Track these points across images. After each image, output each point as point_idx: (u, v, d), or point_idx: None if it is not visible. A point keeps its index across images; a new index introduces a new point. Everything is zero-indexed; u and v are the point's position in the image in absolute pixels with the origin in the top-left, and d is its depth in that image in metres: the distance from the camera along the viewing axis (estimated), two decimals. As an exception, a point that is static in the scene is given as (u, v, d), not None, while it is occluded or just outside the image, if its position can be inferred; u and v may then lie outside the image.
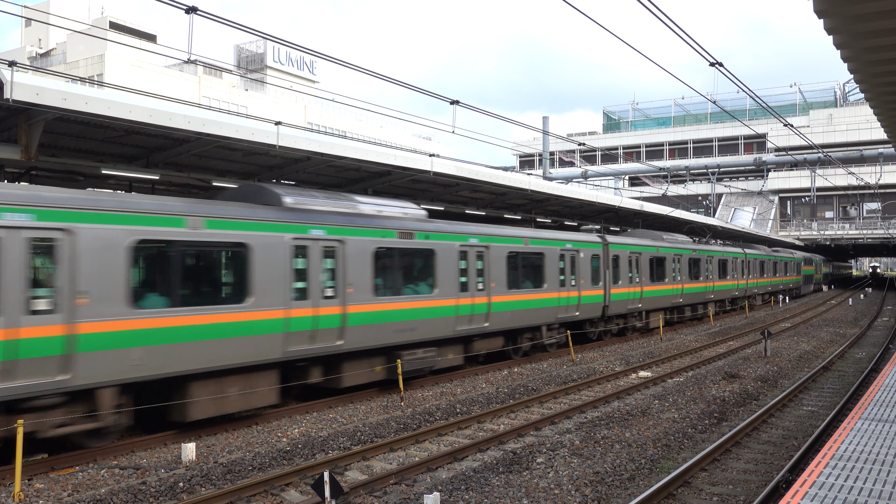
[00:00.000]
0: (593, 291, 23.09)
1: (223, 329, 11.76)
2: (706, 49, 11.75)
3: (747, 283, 41.04)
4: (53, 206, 10.02)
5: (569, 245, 21.78)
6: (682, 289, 30.31)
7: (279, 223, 12.87)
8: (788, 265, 54.40)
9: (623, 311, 25.34)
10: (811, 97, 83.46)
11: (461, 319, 17.11)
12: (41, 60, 60.02)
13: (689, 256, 31.09)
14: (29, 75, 11.01)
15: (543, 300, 20.43)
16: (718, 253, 35.25)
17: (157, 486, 9.11)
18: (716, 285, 34.86)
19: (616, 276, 24.45)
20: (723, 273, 36.12)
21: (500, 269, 18.61)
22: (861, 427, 9.37)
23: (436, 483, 9.34)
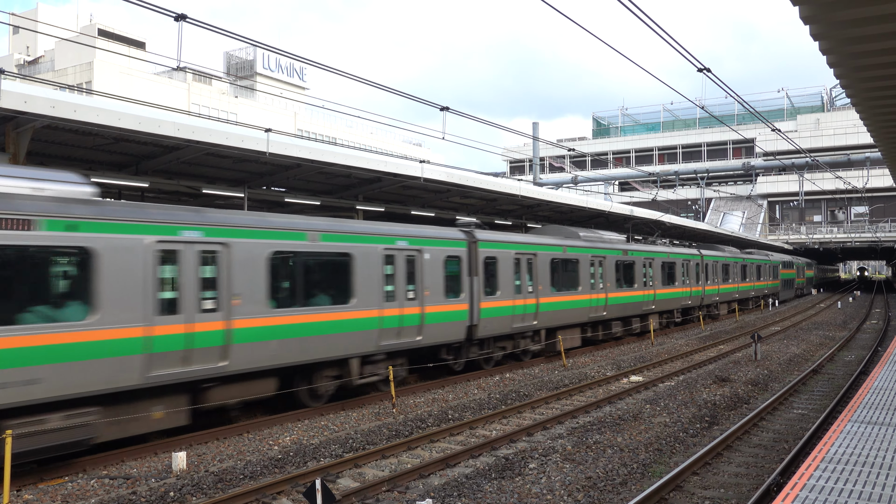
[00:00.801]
0: (448, 306, 17.01)
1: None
2: (694, 55, 11.84)
3: (704, 291, 35.02)
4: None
5: (403, 243, 15.69)
6: (605, 298, 24.23)
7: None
8: (762, 269, 48.60)
9: (505, 332, 19.16)
10: (798, 102, 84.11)
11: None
12: (29, 68, 59.74)
13: (617, 258, 25.19)
14: (17, 83, 10.96)
15: (346, 322, 14.10)
16: (662, 254, 29.52)
17: (148, 496, 9.04)
18: (658, 293, 28.78)
19: (492, 284, 18.58)
20: (669, 279, 30.24)
21: (256, 278, 12.47)
22: (851, 430, 9.42)
23: (428, 490, 9.32)
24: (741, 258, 42.17)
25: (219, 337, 11.82)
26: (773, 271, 52.60)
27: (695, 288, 33.72)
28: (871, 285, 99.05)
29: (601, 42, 12.06)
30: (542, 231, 24.46)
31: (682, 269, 32.02)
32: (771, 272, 51.59)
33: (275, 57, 67.61)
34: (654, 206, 54.29)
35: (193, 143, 12.81)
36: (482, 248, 18.32)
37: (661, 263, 29.26)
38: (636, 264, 26.88)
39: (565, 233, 23.63)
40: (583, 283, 22.82)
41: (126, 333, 10.49)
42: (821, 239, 67.78)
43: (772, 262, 51.73)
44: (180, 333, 11.26)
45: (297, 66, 70.57)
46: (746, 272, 43.74)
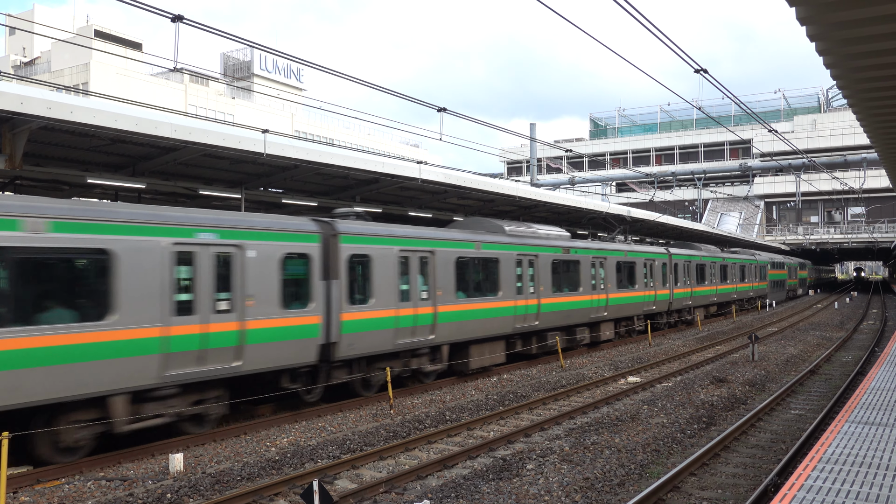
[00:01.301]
0: (287, 320, 13.02)
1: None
2: (691, 56, 11.86)
3: (672, 294, 30.91)
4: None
5: (208, 236, 11.89)
6: (538, 305, 20.44)
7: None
8: (747, 269, 44.34)
9: (385, 349, 15.21)
10: (795, 103, 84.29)
11: None
12: (25, 69, 59.64)
13: (555, 257, 21.42)
14: (13, 84, 10.93)
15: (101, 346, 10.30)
16: (616, 252, 25.59)
17: (145, 497, 9.02)
18: (612, 298, 25.02)
19: (363, 290, 14.80)
20: (627, 281, 26.47)
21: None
22: (848, 430, 9.43)
23: (426, 491, 9.31)
24: (720, 257, 38.24)
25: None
26: (761, 272, 48.96)
27: (661, 291, 29.60)
28: (867, 286, 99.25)
29: (598, 43, 12.06)
30: (461, 224, 20.65)
31: (645, 269, 28.08)
32: (758, 273, 47.67)
33: (272, 58, 67.59)
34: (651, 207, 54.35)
35: (190, 144, 12.80)
36: (347, 243, 14.33)
37: (615, 263, 25.34)
38: (582, 264, 22.95)
39: (488, 226, 19.87)
40: (506, 286, 19.00)
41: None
42: (817, 240, 67.93)
43: (758, 263, 47.97)
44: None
45: (294, 68, 70.56)
46: (727, 273, 39.70)
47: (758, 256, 48.13)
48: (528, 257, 20.26)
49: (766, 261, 50.71)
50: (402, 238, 15.90)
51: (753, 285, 46.22)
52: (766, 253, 54.35)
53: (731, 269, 40.56)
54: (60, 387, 9.78)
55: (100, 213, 10.49)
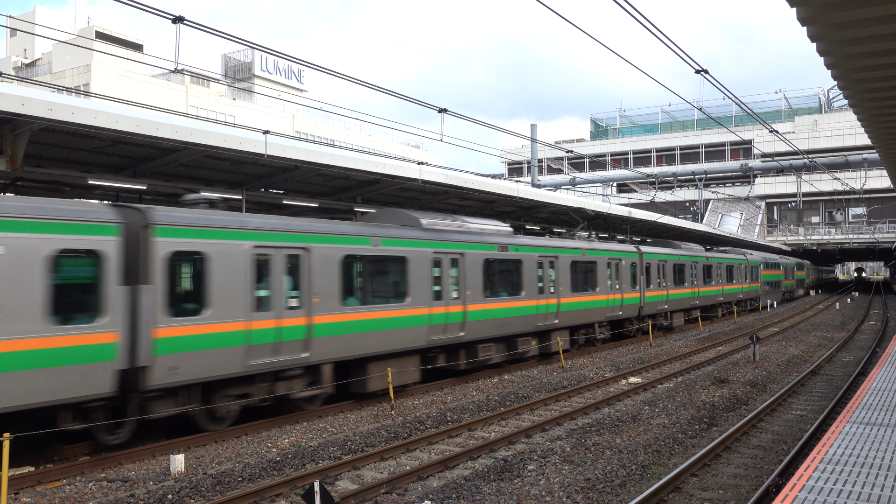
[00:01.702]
0: (58, 339, 9.97)
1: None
2: (692, 56, 11.85)
3: (643, 298, 27.46)
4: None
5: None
6: (463, 312, 17.35)
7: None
8: (736, 270, 41.04)
9: (231, 373, 12.12)
10: (796, 103, 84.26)
11: None
12: (26, 70, 59.70)
13: (488, 255, 18.25)
14: (14, 85, 10.94)
15: None
16: (571, 251, 22.12)
17: (146, 498, 9.02)
18: (565, 303, 21.46)
19: (194, 298, 11.83)
20: (585, 283, 22.98)
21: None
22: (850, 431, 9.42)
23: (427, 492, 9.31)
24: (703, 257, 35.12)
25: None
26: (752, 273, 45.47)
27: (629, 294, 26.27)
28: (869, 286, 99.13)
29: (599, 44, 12.06)
30: (373, 216, 17.92)
31: (609, 270, 24.74)
32: (748, 274, 44.29)
33: (272, 59, 67.64)
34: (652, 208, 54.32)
35: (191, 145, 12.80)
36: (165, 237, 11.29)
37: (570, 263, 22.02)
38: (525, 264, 19.71)
39: (402, 218, 17.13)
40: (415, 291, 16.06)
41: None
42: (819, 240, 67.89)
43: (750, 263, 44.63)
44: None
45: (295, 69, 70.61)
46: (712, 274, 36.64)
47: (749, 256, 45.39)
48: (450, 256, 17.14)
49: (759, 260, 47.55)
50: (258, 231, 12.74)
51: (743, 287, 43.08)
52: (760, 252, 51.53)
53: (717, 270, 37.53)
54: None
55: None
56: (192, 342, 11.51)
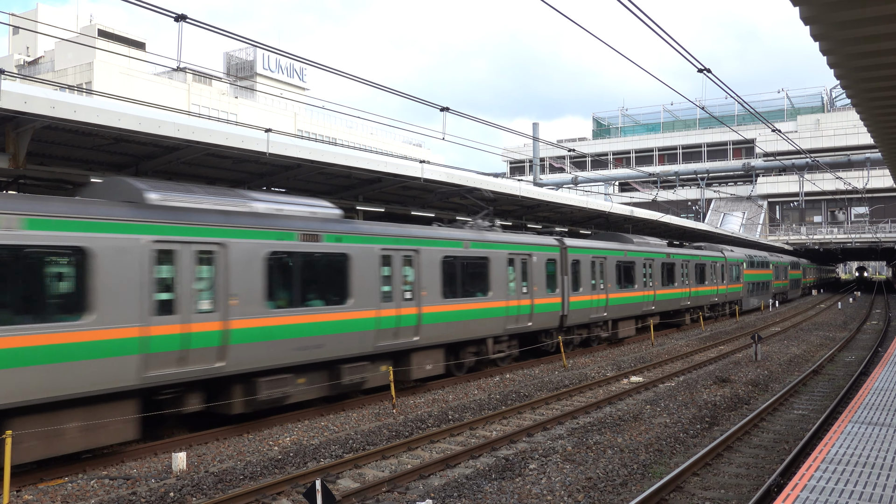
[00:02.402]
0: None
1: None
2: (694, 55, 11.84)
3: (567, 304, 21.94)
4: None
5: None
6: (221, 332, 11.99)
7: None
8: (709, 268, 35.49)
9: None
10: (798, 102, 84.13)
11: None
12: (29, 68, 59.75)
13: (277, 248, 12.99)
14: (17, 83, 10.95)
15: None
16: (446, 242, 17.21)
17: (148, 496, 9.04)
18: (430, 313, 16.41)
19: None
20: (467, 286, 17.82)
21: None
22: (851, 430, 9.42)
23: (428, 490, 9.31)
24: (662, 253, 29.00)
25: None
26: (732, 272, 40.11)
27: (545, 300, 20.83)
28: (871, 286, 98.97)
29: (601, 42, 12.06)
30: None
31: (511, 269, 19.46)
32: (727, 274, 38.88)
33: (275, 57, 67.63)
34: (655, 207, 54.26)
35: (193, 143, 12.81)
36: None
37: (440, 260, 16.90)
38: (354, 261, 14.52)
39: (238, 197, 13.10)
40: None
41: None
42: (821, 239, 67.80)
43: (729, 261, 39.12)
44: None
45: (297, 67, 70.59)
46: (675, 273, 30.47)
47: (728, 253, 40.00)
48: (197, 247, 11.74)
49: (740, 258, 42.04)
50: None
51: (719, 288, 37.43)
52: (744, 249, 45.91)
53: (683, 269, 31.33)
54: None
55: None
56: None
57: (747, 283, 43.72)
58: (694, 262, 33.14)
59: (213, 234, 11.90)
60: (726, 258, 38.95)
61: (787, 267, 56.89)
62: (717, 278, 37.24)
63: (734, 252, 41.60)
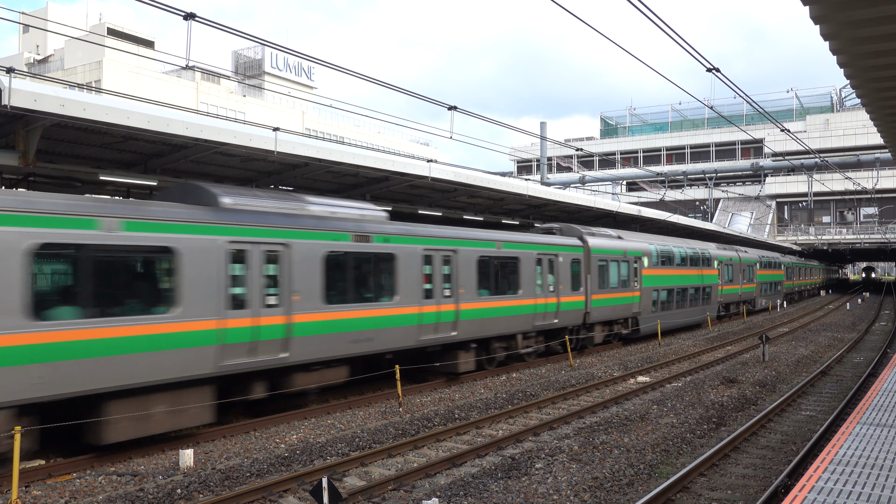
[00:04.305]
0: None
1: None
2: (703, 55, 11.80)
3: (289, 329, 13.73)
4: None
5: None
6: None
7: None
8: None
9: None
10: (808, 102, 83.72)
11: None
12: (39, 67, 60.04)
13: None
14: (27, 81, 11.01)
15: None
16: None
17: (155, 492, 9.08)
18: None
19: None
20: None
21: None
22: (860, 432, 9.37)
23: (434, 489, 9.32)
24: (491, 242, 18.52)
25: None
26: (747, 273, 36.21)
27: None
28: (879, 287, 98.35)
29: (609, 41, 12.03)
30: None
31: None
32: (743, 274, 35.05)
33: (283, 56, 67.75)
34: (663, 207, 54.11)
35: (202, 141, 12.85)
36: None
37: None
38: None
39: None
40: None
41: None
42: (829, 240, 67.47)
43: (743, 261, 33.67)
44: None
45: (305, 66, 70.70)
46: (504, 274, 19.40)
47: (742, 253, 35.88)
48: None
49: (754, 259, 36.87)
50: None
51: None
52: (714, 245, 35.72)
53: (547, 266, 20.78)
54: None
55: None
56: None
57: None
58: (540, 257, 22.34)
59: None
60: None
61: (773, 265, 48.87)
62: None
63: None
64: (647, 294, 26.79)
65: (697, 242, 33.21)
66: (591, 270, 22.95)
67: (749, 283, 39.48)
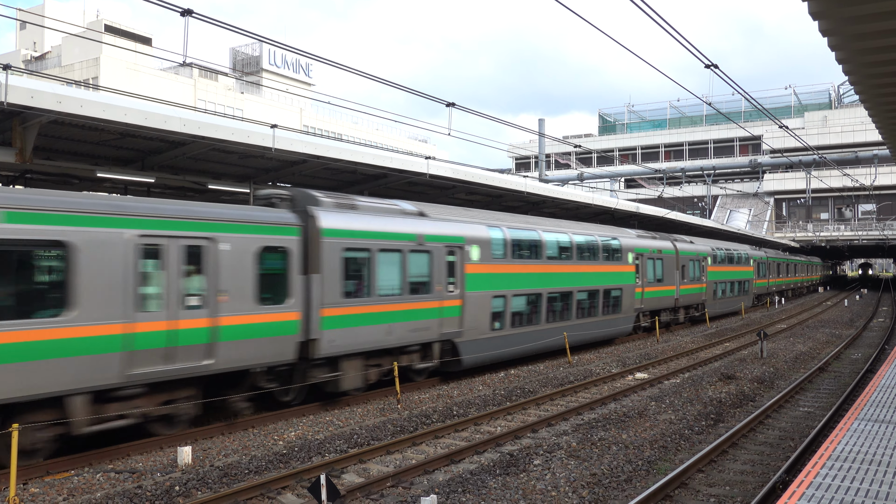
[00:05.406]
0: None
1: None
2: (701, 51, 11.78)
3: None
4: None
5: None
6: None
7: None
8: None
9: None
10: (806, 99, 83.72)
11: None
12: (36, 63, 59.90)
13: None
14: (24, 78, 10.98)
15: None
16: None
17: (153, 489, 9.07)
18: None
19: None
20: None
21: None
22: (858, 428, 9.38)
23: (433, 485, 9.32)
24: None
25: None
26: (690, 270, 30.30)
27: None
28: (877, 283, 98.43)
29: (607, 37, 12.01)
30: None
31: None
32: (686, 272, 29.48)
33: (280, 53, 67.65)
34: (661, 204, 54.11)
35: (199, 138, 12.83)
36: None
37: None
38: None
39: None
40: None
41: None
42: (827, 237, 67.54)
43: (682, 254, 28.85)
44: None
45: (303, 63, 70.61)
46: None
47: (685, 244, 30.09)
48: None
49: (703, 251, 31.42)
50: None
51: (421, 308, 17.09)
52: (647, 234, 28.11)
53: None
54: None
55: None
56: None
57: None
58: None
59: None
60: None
61: (744, 259, 40.60)
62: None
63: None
64: (475, 302, 17.18)
65: (609, 228, 25.18)
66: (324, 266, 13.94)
67: (693, 284, 31.16)
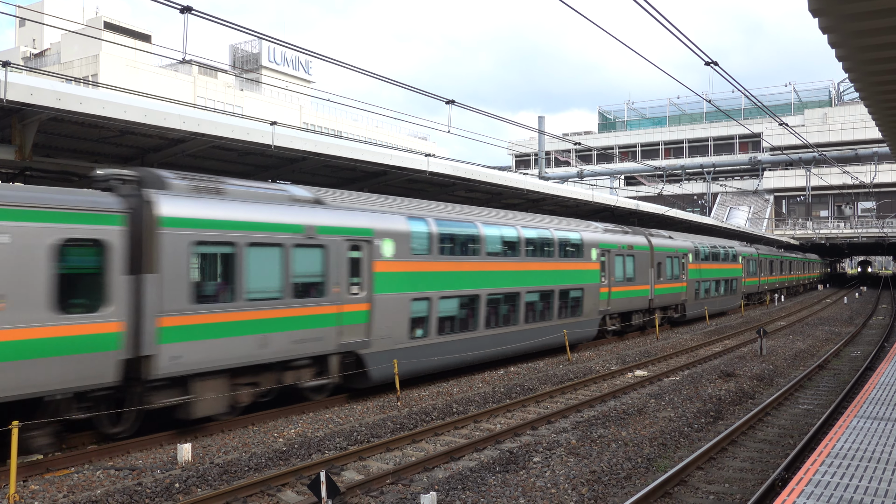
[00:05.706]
0: None
1: None
2: (701, 48, 11.78)
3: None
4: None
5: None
6: None
7: None
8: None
9: None
10: (806, 96, 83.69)
11: None
12: (35, 60, 59.82)
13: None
14: (23, 75, 10.97)
15: None
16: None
17: (153, 486, 9.08)
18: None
19: None
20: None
21: None
22: (857, 425, 9.39)
23: (432, 483, 9.33)
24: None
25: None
26: (668, 268, 28.27)
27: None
28: (876, 281, 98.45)
29: (607, 34, 12.01)
30: None
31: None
32: (660, 270, 27.43)
33: (280, 50, 67.57)
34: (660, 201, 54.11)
35: (199, 135, 12.82)
36: None
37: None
38: None
39: None
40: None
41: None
42: (827, 234, 67.57)
43: (657, 250, 27.11)
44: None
45: (303, 60, 70.51)
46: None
47: (661, 239, 28.10)
48: None
49: (683, 247, 29.68)
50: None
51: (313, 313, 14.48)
52: (602, 226, 24.30)
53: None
54: None
55: None
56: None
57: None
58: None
59: None
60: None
61: (772, 261, 37.53)
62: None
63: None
64: (387, 306, 14.53)
65: (571, 221, 22.79)
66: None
67: (671, 283, 28.63)
